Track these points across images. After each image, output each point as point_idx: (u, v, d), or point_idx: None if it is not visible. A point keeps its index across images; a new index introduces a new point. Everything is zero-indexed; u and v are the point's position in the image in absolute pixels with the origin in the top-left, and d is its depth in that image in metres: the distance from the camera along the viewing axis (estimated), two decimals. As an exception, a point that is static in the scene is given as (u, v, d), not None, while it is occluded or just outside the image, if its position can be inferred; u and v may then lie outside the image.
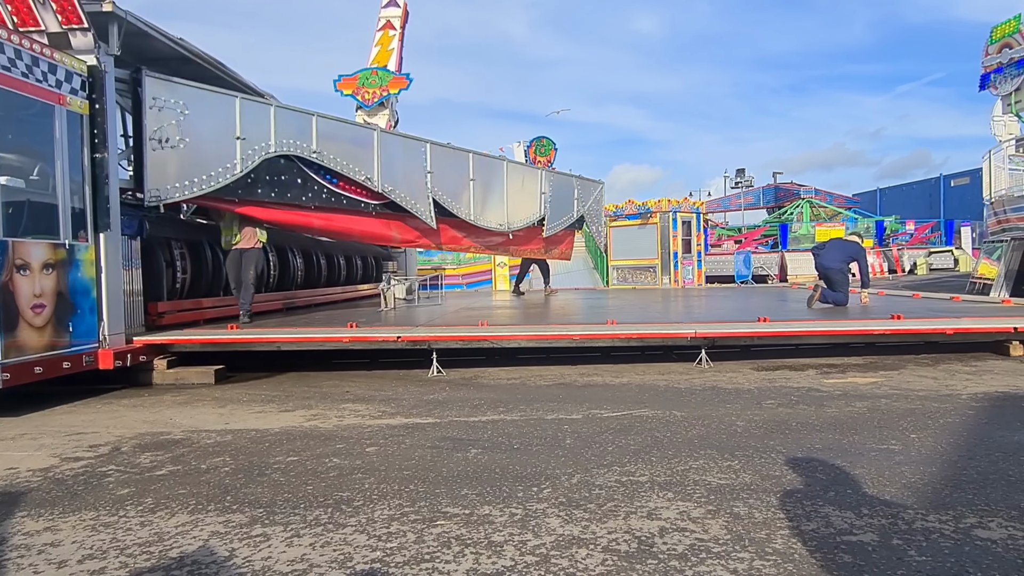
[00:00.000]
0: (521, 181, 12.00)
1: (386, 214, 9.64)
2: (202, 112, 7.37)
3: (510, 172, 11.74)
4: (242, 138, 7.68)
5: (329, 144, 8.64)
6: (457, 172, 10.60)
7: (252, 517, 3.05)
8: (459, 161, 10.70)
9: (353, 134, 9.28)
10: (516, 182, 11.81)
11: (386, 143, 9.45)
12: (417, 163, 9.87)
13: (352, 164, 8.91)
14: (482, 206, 11.01)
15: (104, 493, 3.45)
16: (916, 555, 2.48)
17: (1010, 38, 13.83)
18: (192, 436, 4.62)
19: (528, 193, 12.16)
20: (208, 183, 7.41)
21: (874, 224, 32.80)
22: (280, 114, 8.14)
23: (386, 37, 15.36)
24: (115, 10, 6.40)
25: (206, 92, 7.53)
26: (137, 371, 6.77)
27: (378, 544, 2.72)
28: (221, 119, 7.58)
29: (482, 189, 11.01)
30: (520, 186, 11.93)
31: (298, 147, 8.29)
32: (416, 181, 9.82)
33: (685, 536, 2.71)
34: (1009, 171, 15.81)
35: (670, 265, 22.03)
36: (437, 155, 10.14)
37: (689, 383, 6.13)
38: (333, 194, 8.84)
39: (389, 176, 9.34)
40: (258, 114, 7.96)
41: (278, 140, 8.04)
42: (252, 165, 7.77)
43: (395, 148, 9.69)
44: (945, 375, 6.22)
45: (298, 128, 8.32)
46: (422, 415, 5.11)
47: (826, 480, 3.35)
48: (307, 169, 8.47)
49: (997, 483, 3.24)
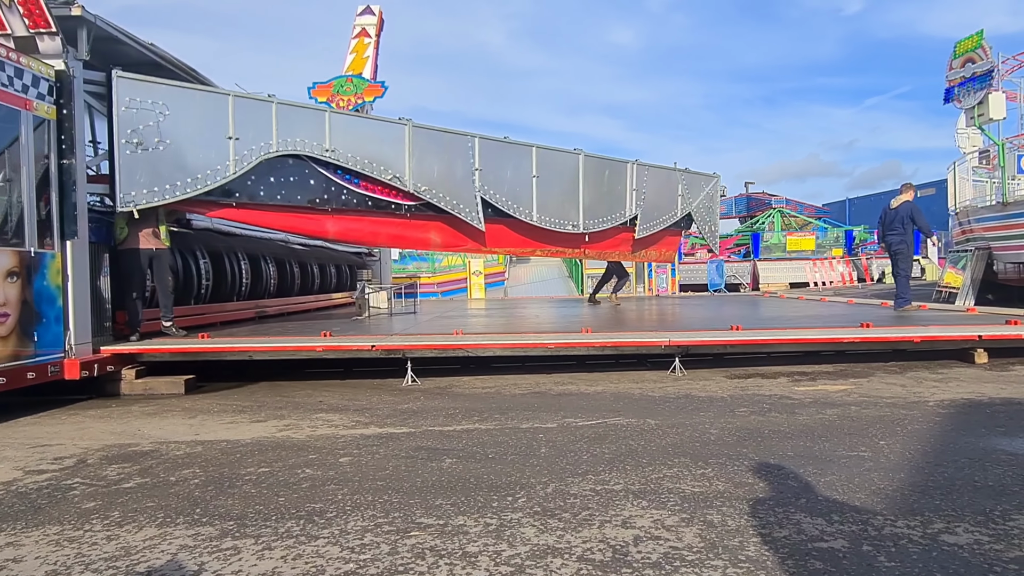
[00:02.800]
0: (603, 177, 10.58)
1: (423, 216, 8.88)
2: (186, 112, 7.07)
3: (587, 167, 10.36)
4: (235, 138, 7.27)
5: (347, 141, 8.03)
6: (514, 168, 9.58)
7: (222, 530, 3.00)
8: (518, 156, 9.65)
9: (378, 130, 8.53)
10: (595, 178, 10.44)
11: (420, 139, 8.63)
12: (461, 160, 9.00)
13: (377, 163, 8.24)
14: (548, 205, 9.86)
15: (69, 507, 3.37)
16: (885, 561, 2.51)
17: (972, 53, 14.21)
18: (161, 447, 4.53)
19: (612, 190, 10.70)
20: (193, 186, 7.07)
21: (843, 234, 33.34)
22: (284, 111, 7.64)
23: (361, 44, 15.33)
24: (84, 14, 6.30)
25: (193, 91, 7.26)
26: (104, 381, 6.63)
27: (351, 556, 2.69)
28: (210, 118, 7.22)
29: (548, 186, 9.87)
30: (600, 182, 10.53)
31: (307, 146, 7.75)
32: (460, 180, 8.97)
33: (659, 544, 2.72)
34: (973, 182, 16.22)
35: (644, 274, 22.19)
36: (488, 150, 9.20)
37: (663, 391, 6.17)
38: (355, 195, 8.22)
39: (424, 175, 8.59)
40: (256, 112, 7.50)
41: (281, 139, 7.57)
42: (248, 166, 7.38)
43: (432, 144, 8.78)
44: (913, 382, 6.34)
45: (308, 126, 7.79)
46: (396, 425, 5.07)
47: (798, 487, 3.39)
48: (322, 169, 7.93)
49: (963, 489, 3.30)
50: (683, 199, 11.66)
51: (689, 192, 11.73)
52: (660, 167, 11.48)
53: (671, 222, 11.61)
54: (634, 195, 10.88)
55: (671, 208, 11.55)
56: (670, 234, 12.02)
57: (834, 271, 28.43)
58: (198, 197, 7.20)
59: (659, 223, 11.37)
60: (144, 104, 6.80)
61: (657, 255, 12.27)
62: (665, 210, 11.44)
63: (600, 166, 10.58)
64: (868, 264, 29.76)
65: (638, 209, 10.92)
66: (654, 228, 11.31)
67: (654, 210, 11.21)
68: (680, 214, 11.69)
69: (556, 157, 10.10)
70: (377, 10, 15.75)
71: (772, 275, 27.16)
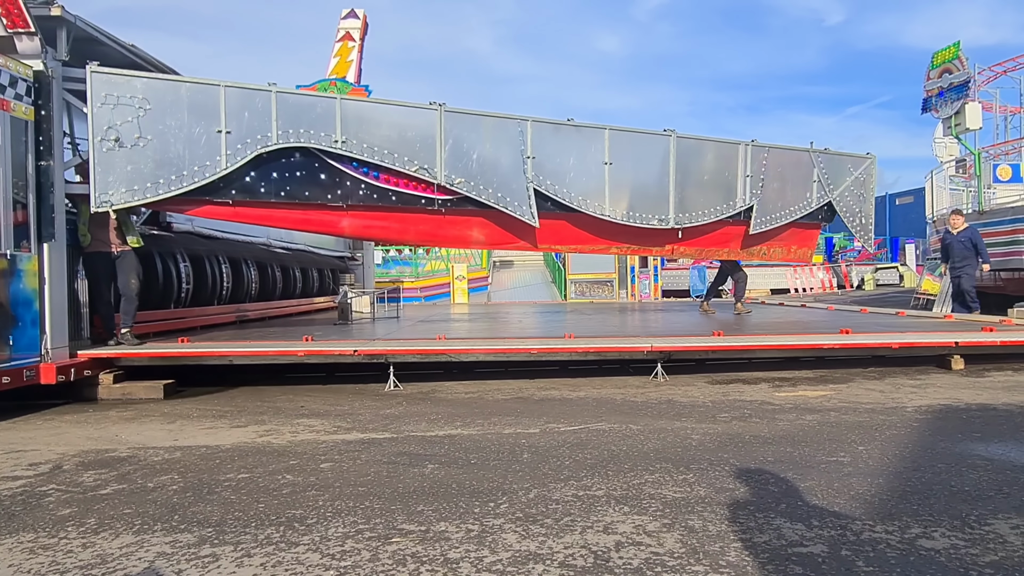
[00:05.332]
0: (703, 162, 9.07)
1: (462, 211, 7.94)
2: (171, 106, 6.71)
3: (681, 151, 8.83)
4: (227, 131, 6.83)
5: (363, 131, 7.32)
6: (579, 155, 8.34)
7: (201, 537, 2.97)
8: (584, 141, 8.40)
9: (401, 117, 7.61)
10: (692, 163, 8.94)
11: (455, 126, 7.70)
12: (509, 147, 7.93)
13: (400, 154, 7.44)
14: (624, 197, 8.56)
15: (44, 513, 3.32)
16: (864, 566, 2.54)
17: (950, 64, 14.45)
18: (139, 453, 4.48)
19: (716, 177, 9.13)
20: (177, 184, 6.71)
21: (824, 241, 33.71)
22: (285, 101, 7.08)
23: (345, 48, 15.31)
24: (64, 14, 6.22)
25: (178, 84, 6.87)
26: (82, 386, 6.53)
27: (332, 563, 2.66)
28: (198, 112, 6.81)
29: (625, 175, 8.59)
30: (699, 168, 9.04)
31: (314, 137, 7.14)
32: (507, 170, 7.93)
33: (641, 550, 2.73)
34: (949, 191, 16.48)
35: (627, 279, 22.28)
36: (543, 136, 8.11)
37: (645, 397, 6.19)
38: (375, 190, 7.48)
39: (459, 165, 7.68)
40: (252, 103, 6.97)
41: (282, 131, 7.02)
42: (242, 161, 6.90)
43: (470, 131, 7.82)
44: (891, 388, 6.41)
45: (314, 115, 7.17)
46: (378, 430, 5.05)
47: (778, 492, 3.41)
48: (334, 162, 7.29)
49: (940, 494, 3.34)
50: (820, 185, 9.63)
51: (829, 177, 9.69)
52: (786, 148, 9.69)
53: (802, 214, 9.62)
54: (748, 182, 9.15)
55: (802, 197, 9.59)
56: (801, 228, 9.93)
57: (814, 278, 28.72)
58: (184, 195, 6.84)
59: (784, 215, 9.50)
60: (122, 100, 6.55)
61: (784, 253, 10.19)
62: (793, 200, 9.54)
63: (699, 149, 9.08)
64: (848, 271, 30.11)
65: (754, 199, 9.17)
66: (776, 221, 9.44)
67: (777, 200, 9.40)
68: (816, 204, 9.65)
69: (637, 140, 8.78)
70: (361, 14, 15.74)
71: (754, 281, 27.28)
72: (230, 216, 7.43)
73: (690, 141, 8.93)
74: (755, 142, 9.14)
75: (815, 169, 9.61)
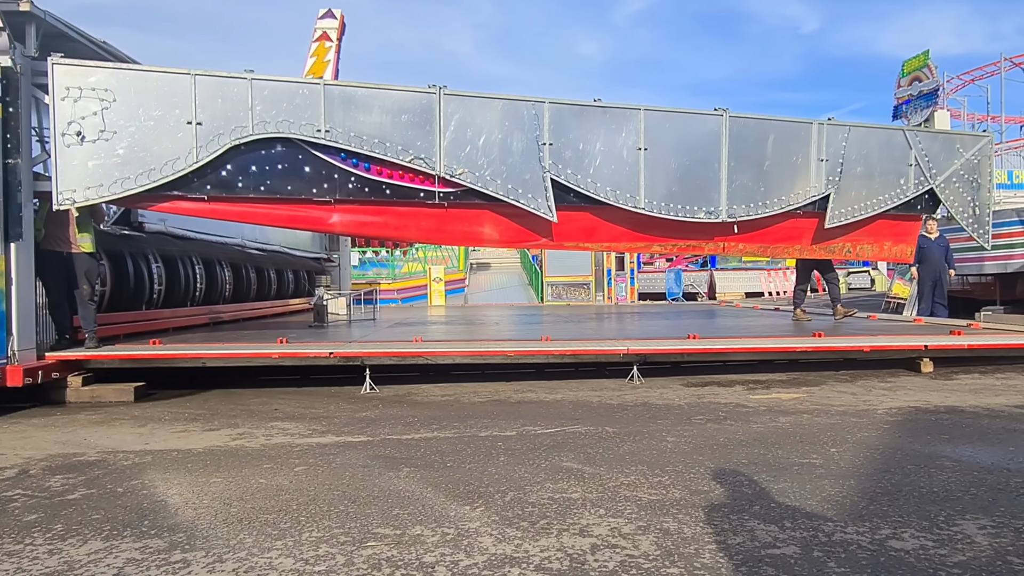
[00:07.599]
0: (764, 145, 7.91)
1: (468, 205, 7.35)
2: (137, 97, 6.42)
3: (735, 132, 7.76)
4: (198, 122, 6.50)
5: (350, 119, 6.83)
6: (607, 141, 7.46)
7: (171, 542, 2.92)
8: (613, 124, 7.48)
9: (394, 103, 6.98)
10: (749, 147, 7.85)
11: (457, 110, 7.06)
12: (522, 133, 7.23)
13: (393, 143, 6.91)
14: (663, 187, 7.63)
15: (9, 519, 3.24)
16: (835, 567, 2.57)
17: (919, 72, 14.76)
18: (108, 457, 4.40)
19: (781, 162, 7.99)
20: (145, 179, 6.41)
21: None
22: (263, 88, 6.66)
23: (322, 48, 15.19)
24: (33, 10, 6.09)
25: (145, 73, 6.54)
26: (49, 389, 6.39)
27: (305, 568, 2.64)
28: (167, 103, 6.49)
29: (664, 161, 7.63)
30: (760, 153, 7.91)
31: (295, 127, 6.70)
32: (519, 158, 7.23)
33: (616, 553, 2.73)
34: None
35: (604, 282, 22.37)
36: (563, 119, 7.33)
37: (621, 399, 6.22)
38: (366, 183, 6.98)
39: (461, 155, 7.07)
40: (226, 92, 6.61)
41: (260, 120, 6.62)
42: (214, 154, 6.55)
43: (475, 116, 7.16)
44: (863, 391, 6.50)
45: (295, 103, 6.73)
46: (354, 433, 5.01)
47: (752, 494, 3.45)
48: (320, 153, 6.83)
49: (909, 495, 3.40)
50: (920, 169, 8.25)
51: (932, 160, 8.29)
52: (872, 126, 8.49)
53: (894, 204, 8.27)
54: (823, 167, 7.99)
55: (894, 184, 8.27)
56: (895, 220, 8.58)
57: (788, 281, 29.04)
58: (153, 191, 6.56)
59: (869, 206, 8.21)
60: (85, 92, 6.29)
61: (876, 251, 8.81)
62: (882, 187, 8.25)
63: (760, 129, 7.92)
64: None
65: (831, 187, 8.03)
66: (860, 213, 8.20)
67: (862, 187, 8.18)
68: (913, 192, 8.30)
69: (680, 122, 7.83)
70: (339, 14, 15.64)
71: (729, 285, 27.67)
72: (207, 213, 7.08)
73: (748, 121, 7.88)
74: (831, 120, 8.15)
75: (912, 151, 8.26)
